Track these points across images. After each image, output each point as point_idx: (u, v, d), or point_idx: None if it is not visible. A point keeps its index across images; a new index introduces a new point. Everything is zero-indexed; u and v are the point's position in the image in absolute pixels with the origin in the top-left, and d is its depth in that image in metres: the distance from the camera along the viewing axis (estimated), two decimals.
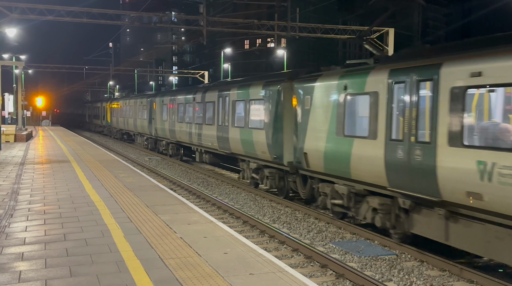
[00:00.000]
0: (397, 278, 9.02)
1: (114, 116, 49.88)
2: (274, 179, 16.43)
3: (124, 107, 45.00)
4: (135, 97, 43.11)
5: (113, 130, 50.96)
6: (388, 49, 32.81)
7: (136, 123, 39.15)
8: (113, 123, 50.51)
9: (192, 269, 6.99)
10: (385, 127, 10.68)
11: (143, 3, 64.96)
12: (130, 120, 41.65)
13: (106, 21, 30.29)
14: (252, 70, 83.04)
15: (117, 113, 48.66)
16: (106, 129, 56.10)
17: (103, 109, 57.56)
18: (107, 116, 53.00)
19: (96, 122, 63.92)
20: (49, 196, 12.74)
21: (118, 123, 47.82)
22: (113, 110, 50.66)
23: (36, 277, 6.64)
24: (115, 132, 49.98)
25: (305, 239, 11.70)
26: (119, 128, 47.94)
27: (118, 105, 47.94)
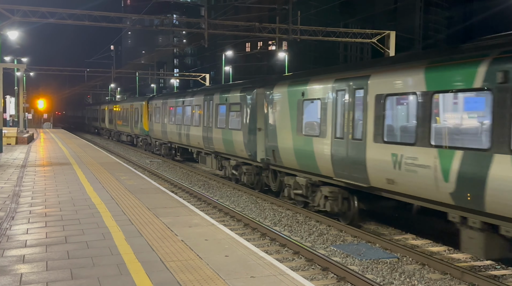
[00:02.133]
0: (399, 281, 9.00)
1: (157, 121, 32.17)
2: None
3: (183, 108, 27.02)
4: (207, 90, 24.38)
5: (153, 143, 34.52)
6: (389, 52, 32.83)
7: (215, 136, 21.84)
8: (155, 133, 33.05)
9: (193, 272, 6.98)
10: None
11: (144, 6, 65.17)
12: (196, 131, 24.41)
13: (108, 24, 30.37)
14: (254, 73, 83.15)
15: (165, 117, 30.43)
16: (140, 140, 39.35)
17: (134, 112, 39.94)
18: (143, 123, 36.20)
19: (121, 128, 46.79)
20: (50, 199, 12.75)
21: (167, 134, 29.99)
22: (156, 112, 32.62)
23: (37, 279, 6.64)
24: (158, 147, 33.35)
25: (306, 242, 11.69)
26: (167, 140, 30.33)
27: (172, 105, 29.46)
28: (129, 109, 41.98)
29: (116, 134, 49.68)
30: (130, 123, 41.85)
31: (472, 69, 8.80)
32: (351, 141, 12.01)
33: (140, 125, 37.72)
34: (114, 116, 50.01)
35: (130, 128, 41.78)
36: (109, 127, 53.80)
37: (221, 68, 69.42)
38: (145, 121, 35.85)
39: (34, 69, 62.44)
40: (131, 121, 41.28)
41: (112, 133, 53.29)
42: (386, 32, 34.08)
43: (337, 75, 12.92)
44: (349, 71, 12.61)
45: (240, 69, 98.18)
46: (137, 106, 38.95)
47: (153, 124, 33.60)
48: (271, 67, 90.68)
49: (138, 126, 38.54)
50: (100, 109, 62.37)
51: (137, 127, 39.07)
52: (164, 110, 30.96)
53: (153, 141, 34.58)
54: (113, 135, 51.91)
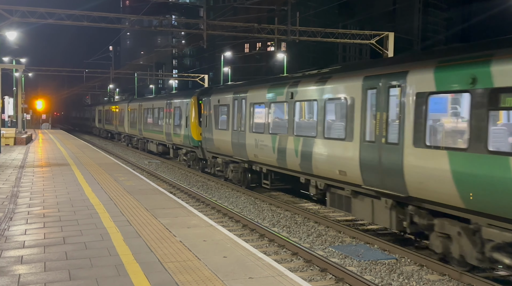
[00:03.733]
0: (397, 283, 9.01)
1: (223, 127, 20.69)
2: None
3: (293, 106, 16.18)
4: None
5: (210, 159, 22.75)
6: (388, 53, 32.87)
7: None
8: (217, 145, 21.26)
9: (192, 272, 6.98)
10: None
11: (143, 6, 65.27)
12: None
13: (107, 25, 30.36)
14: (252, 74, 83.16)
15: (245, 120, 19.00)
16: (184, 153, 27.06)
17: (173, 113, 28.65)
18: (191, 129, 25.03)
19: (149, 135, 35.02)
20: (48, 199, 12.73)
21: (246, 149, 18.32)
22: (220, 113, 21.31)
23: (35, 280, 6.63)
24: (220, 166, 21.49)
25: (305, 243, 11.69)
26: (246, 158, 18.42)
27: (261, 102, 18.63)
28: (165, 110, 30.26)
29: (141, 142, 38.55)
30: (165, 128, 30.01)
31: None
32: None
33: (185, 132, 25.83)
34: (136, 118, 38.88)
35: (166, 136, 29.82)
36: (130, 132, 41.99)
37: (220, 69, 69.47)
38: (194, 126, 24.64)
39: (33, 70, 62.40)
40: (168, 126, 29.53)
41: (134, 141, 41.41)
42: (385, 33, 34.12)
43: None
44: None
45: (239, 70, 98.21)
46: (180, 105, 27.20)
47: (211, 131, 21.47)
48: (269, 68, 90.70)
49: (180, 133, 26.66)
50: (117, 109, 48.85)
51: (178, 135, 27.16)
52: (241, 110, 18.62)
53: (208, 157, 22.65)
54: (136, 143, 40.60)
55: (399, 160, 10.00)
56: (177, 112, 27.45)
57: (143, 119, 35.95)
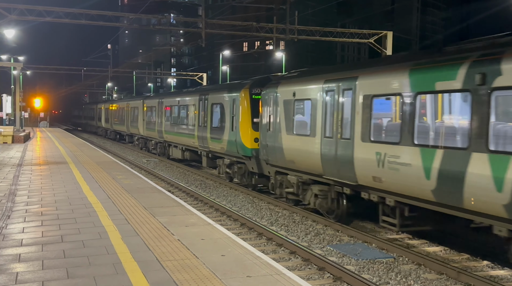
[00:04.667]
0: (395, 281, 9.02)
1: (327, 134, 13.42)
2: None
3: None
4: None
5: (272, 174, 16.67)
6: (386, 52, 32.89)
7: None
8: (291, 157, 14.91)
9: (190, 271, 6.98)
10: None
11: (142, 5, 65.04)
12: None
13: (105, 23, 30.31)
14: (251, 73, 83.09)
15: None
16: (237, 168, 19.52)
17: (203, 113, 23.12)
18: (240, 133, 18.61)
19: (172, 138, 28.52)
20: (46, 198, 12.72)
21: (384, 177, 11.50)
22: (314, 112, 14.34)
23: (33, 278, 6.62)
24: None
25: (303, 242, 11.70)
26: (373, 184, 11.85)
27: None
28: (199, 108, 23.63)
29: (160, 146, 31.88)
30: (197, 131, 23.50)
31: None
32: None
33: (230, 136, 19.33)
34: (155, 118, 32.02)
35: (198, 141, 23.40)
36: (146, 134, 34.99)
37: (218, 68, 69.47)
38: (245, 130, 18.17)
39: (31, 68, 62.30)
40: (202, 128, 22.93)
41: (151, 144, 34.54)
42: (383, 33, 34.13)
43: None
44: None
45: (238, 68, 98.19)
46: (221, 101, 20.60)
47: (278, 137, 15.53)
48: (268, 67, 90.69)
49: (222, 138, 20.11)
50: (128, 107, 41.16)
51: (218, 140, 20.66)
52: (340, 107, 12.58)
53: (269, 171, 16.69)
54: (154, 147, 33.72)
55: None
56: (217, 110, 20.96)
57: (165, 119, 29.53)
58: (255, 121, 17.88)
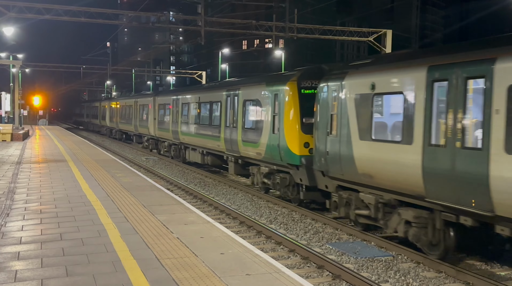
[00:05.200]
0: (394, 280, 9.03)
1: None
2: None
3: None
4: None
5: (332, 189, 13.16)
6: (386, 51, 32.87)
7: None
8: (368, 170, 11.38)
9: (189, 269, 6.98)
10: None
11: (141, 2, 64.86)
12: None
13: (104, 21, 30.27)
14: (250, 71, 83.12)
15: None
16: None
17: (232, 111, 19.37)
18: (285, 136, 15.06)
19: (191, 140, 24.78)
20: (45, 195, 12.71)
21: None
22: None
23: (32, 276, 6.62)
24: None
25: (302, 240, 11.70)
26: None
27: None
28: (226, 105, 19.90)
29: (175, 148, 27.95)
30: (224, 133, 19.81)
31: None
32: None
33: (270, 140, 16.00)
34: (170, 117, 28.31)
35: (226, 144, 19.67)
36: (159, 135, 31.01)
37: (217, 66, 69.40)
38: (292, 132, 14.87)
39: (30, 66, 62.24)
40: (230, 130, 19.33)
41: (164, 146, 30.50)
42: (382, 31, 34.10)
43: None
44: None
45: (237, 67, 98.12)
46: (257, 96, 17.14)
47: (347, 142, 12.13)
48: (267, 65, 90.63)
49: (258, 141, 16.74)
50: (137, 104, 37.51)
51: (253, 144, 17.21)
52: (465, 102, 8.97)
53: (328, 186, 13.32)
54: (167, 149, 29.77)
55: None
56: (252, 108, 17.63)
57: (182, 118, 26.04)
58: (306, 122, 14.50)
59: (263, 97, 16.66)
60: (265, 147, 16.24)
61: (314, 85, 14.61)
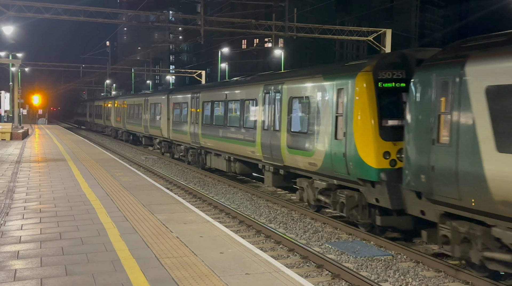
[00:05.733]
0: (393, 279, 9.04)
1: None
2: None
3: None
4: None
5: (436, 214, 9.69)
6: (385, 50, 32.87)
7: None
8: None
9: (188, 268, 6.98)
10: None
11: (140, 1, 64.72)
12: None
13: (104, 20, 30.26)
14: (250, 70, 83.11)
15: None
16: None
17: (272, 110, 16.19)
18: (355, 142, 11.76)
19: (215, 144, 21.40)
20: (45, 195, 12.71)
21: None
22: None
23: (31, 275, 6.62)
24: None
25: (301, 239, 11.70)
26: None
27: None
28: (265, 104, 16.69)
29: (194, 152, 24.72)
30: (261, 136, 16.82)
31: None
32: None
33: (331, 147, 12.74)
34: (188, 118, 24.83)
35: (263, 150, 16.71)
36: (173, 138, 27.68)
37: (217, 65, 69.37)
38: (366, 137, 11.59)
39: (29, 65, 62.23)
40: (270, 134, 16.25)
41: (179, 150, 27.25)
42: (382, 30, 34.11)
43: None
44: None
45: (236, 66, 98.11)
46: (311, 92, 13.92)
47: (483, 154, 8.36)
48: (267, 64, 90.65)
49: (314, 148, 13.50)
50: (147, 103, 34.06)
51: (305, 152, 13.95)
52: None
53: (433, 213, 9.70)
54: (184, 153, 26.47)
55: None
56: (302, 107, 14.42)
57: (203, 119, 22.81)
58: (386, 125, 11.30)
59: (320, 93, 13.37)
60: (323, 156, 12.95)
61: (395, 76, 11.54)
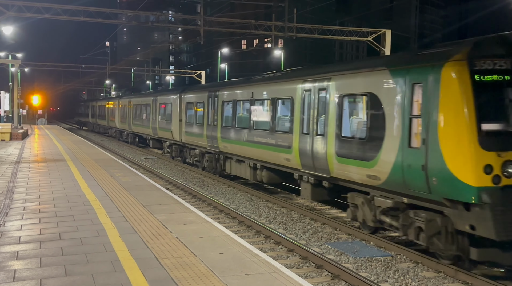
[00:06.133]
0: (392, 279, 9.03)
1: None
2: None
3: None
4: None
5: None
6: (385, 51, 32.88)
7: None
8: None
9: (188, 269, 6.98)
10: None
11: (140, 2, 64.70)
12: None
13: (103, 20, 30.27)
14: (249, 70, 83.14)
15: None
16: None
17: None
18: (466, 152, 8.71)
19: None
20: (44, 195, 12.70)
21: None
22: None
23: (31, 276, 6.62)
24: None
25: (301, 240, 11.70)
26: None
27: None
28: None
29: (214, 157, 21.59)
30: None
31: None
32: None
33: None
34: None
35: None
36: (187, 141, 24.84)
37: (217, 65, 69.38)
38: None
39: (29, 65, 62.25)
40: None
41: (195, 155, 24.18)
42: (382, 31, 34.13)
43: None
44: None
45: (236, 66, 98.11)
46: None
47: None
48: (266, 65, 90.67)
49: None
50: (158, 101, 30.85)
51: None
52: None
53: None
54: (209, 161, 22.07)
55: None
56: (353, 106, 12.45)
57: (222, 120, 20.15)
58: (488, 130, 8.78)
59: (384, 90, 10.76)
60: (390, 167, 10.42)
61: (498, 67, 8.93)
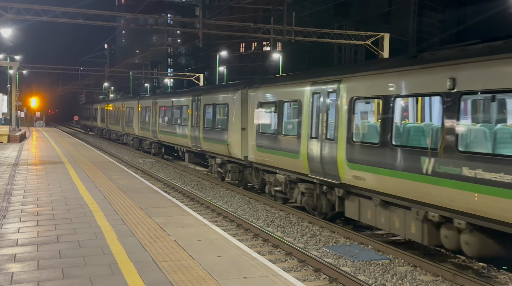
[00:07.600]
0: (391, 283, 9.03)
1: None
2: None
3: None
4: None
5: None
6: (383, 55, 32.95)
7: None
8: None
9: (186, 272, 6.97)
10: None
11: (139, 5, 64.69)
12: None
13: (102, 23, 30.29)
14: (248, 74, 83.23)
15: None
16: None
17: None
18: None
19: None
20: (42, 198, 12.68)
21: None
22: None
23: (28, 279, 6.60)
24: None
25: (299, 243, 11.70)
26: None
27: None
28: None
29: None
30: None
31: None
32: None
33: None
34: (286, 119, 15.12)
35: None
36: (251, 158, 17.11)
37: (215, 68, 69.39)
38: None
39: (27, 67, 62.22)
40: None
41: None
42: (380, 35, 34.20)
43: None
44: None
45: (235, 69, 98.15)
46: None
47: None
48: (265, 68, 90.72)
49: None
50: (182, 103, 25.29)
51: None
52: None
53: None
54: (255, 176, 17.71)
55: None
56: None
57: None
58: None
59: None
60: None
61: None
